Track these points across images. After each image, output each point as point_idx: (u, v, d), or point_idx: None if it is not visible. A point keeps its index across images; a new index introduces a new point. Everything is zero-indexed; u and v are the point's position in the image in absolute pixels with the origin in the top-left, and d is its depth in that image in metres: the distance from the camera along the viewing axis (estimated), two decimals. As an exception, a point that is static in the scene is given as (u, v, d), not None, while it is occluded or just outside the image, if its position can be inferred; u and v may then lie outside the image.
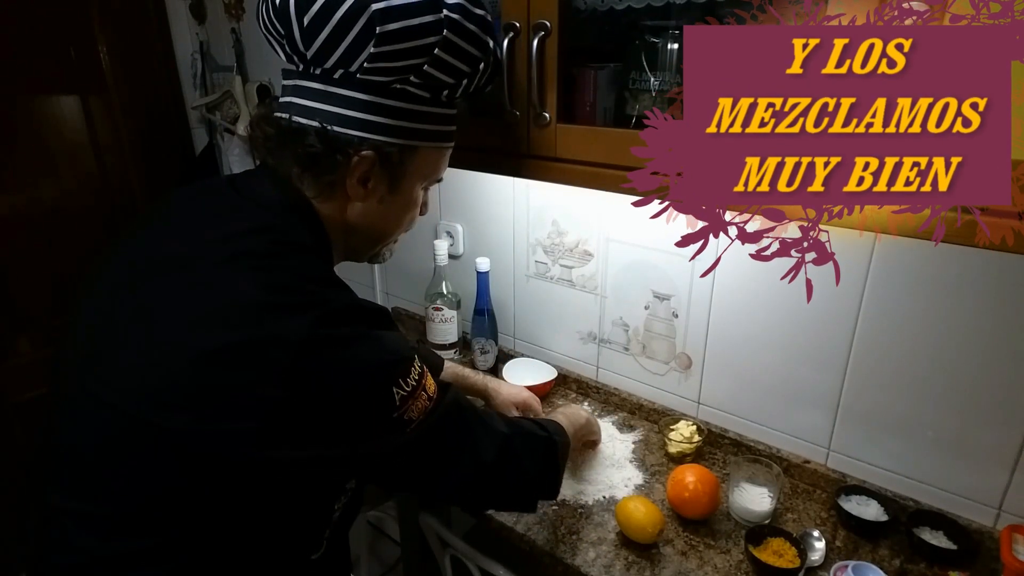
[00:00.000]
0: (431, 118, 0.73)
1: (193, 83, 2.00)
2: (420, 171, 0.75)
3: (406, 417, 0.63)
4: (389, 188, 0.73)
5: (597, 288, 1.29)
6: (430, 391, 0.67)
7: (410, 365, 0.64)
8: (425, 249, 1.41)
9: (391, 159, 0.70)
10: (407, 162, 0.72)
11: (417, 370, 0.65)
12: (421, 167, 0.75)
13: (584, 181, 0.88)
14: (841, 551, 0.92)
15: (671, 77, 0.89)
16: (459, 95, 0.75)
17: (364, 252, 0.81)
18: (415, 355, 0.67)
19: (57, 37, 1.76)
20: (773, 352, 1.07)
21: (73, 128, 1.85)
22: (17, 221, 1.77)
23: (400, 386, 0.62)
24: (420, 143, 0.73)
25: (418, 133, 0.72)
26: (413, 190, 0.77)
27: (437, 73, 0.69)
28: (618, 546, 0.93)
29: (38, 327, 1.83)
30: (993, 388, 0.88)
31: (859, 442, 1.02)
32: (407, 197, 0.76)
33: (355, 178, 0.70)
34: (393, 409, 0.61)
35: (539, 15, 0.85)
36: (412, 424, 0.63)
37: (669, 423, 1.17)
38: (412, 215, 0.80)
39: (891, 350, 0.95)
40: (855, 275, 0.95)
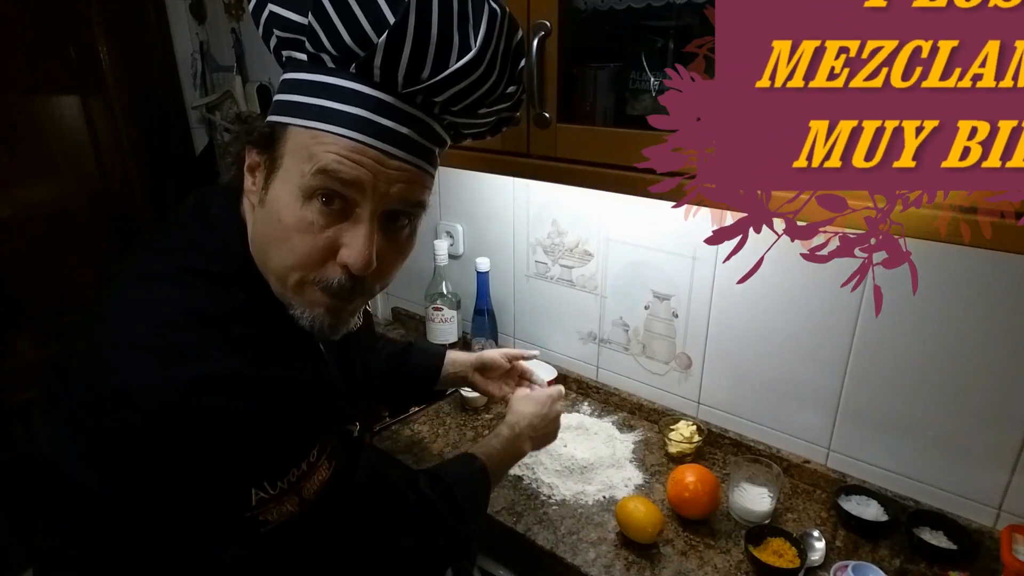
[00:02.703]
0: (310, 88, 0.56)
1: (193, 83, 2.00)
2: (291, 163, 0.57)
3: (260, 519, 0.54)
4: (264, 183, 0.59)
5: (597, 288, 1.29)
6: (307, 493, 0.57)
7: (289, 466, 0.55)
8: (425, 249, 1.41)
9: (261, 141, 0.59)
10: (279, 146, 0.58)
11: (300, 471, 0.56)
12: (292, 157, 0.57)
13: (584, 181, 0.88)
14: (841, 551, 0.92)
15: (671, 77, 0.89)
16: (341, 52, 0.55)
17: (276, 292, 0.62)
18: (310, 451, 0.57)
19: (57, 37, 1.76)
20: (773, 352, 1.07)
21: (73, 128, 1.85)
22: (17, 221, 1.77)
23: (263, 488, 0.54)
24: (287, 119, 0.57)
25: (287, 106, 0.57)
26: (283, 193, 0.57)
27: (283, 11, 0.56)
28: (618, 546, 0.93)
29: (38, 327, 1.83)
30: (993, 388, 0.88)
31: (859, 442, 1.02)
32: (279, 202, 0.58)
33: (246, 167, 0.61)
34: (246, 509, 0.53)
35: (539, 15, 0.85)
36: (267, 526, 0.55)
37: (669, 423, 1.17)
38: (286, 237, 0.57)
39: (891, 350, 0.95)
40: (855, 275, 0.95)
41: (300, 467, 0.56)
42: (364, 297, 0.64)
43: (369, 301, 0.72)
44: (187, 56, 2.00)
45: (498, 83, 0.61)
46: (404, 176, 0.59)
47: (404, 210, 0.61)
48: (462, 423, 1.25)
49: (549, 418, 0.97)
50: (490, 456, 0.86)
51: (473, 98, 0.60)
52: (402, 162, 0.58)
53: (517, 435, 0.92)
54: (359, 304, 0.65)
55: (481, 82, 0.59)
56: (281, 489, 0.55)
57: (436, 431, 1.22)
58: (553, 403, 0.98)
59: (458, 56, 0.56)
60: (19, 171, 1.76)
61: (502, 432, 0.91)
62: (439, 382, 1.08)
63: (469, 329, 1.45)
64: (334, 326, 0.63)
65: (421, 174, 0.61)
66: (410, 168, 0.59)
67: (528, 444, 0.93)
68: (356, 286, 0.61)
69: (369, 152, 0.56)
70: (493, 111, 0.65)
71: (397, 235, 0.63)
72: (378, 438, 1.19)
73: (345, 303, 0.62)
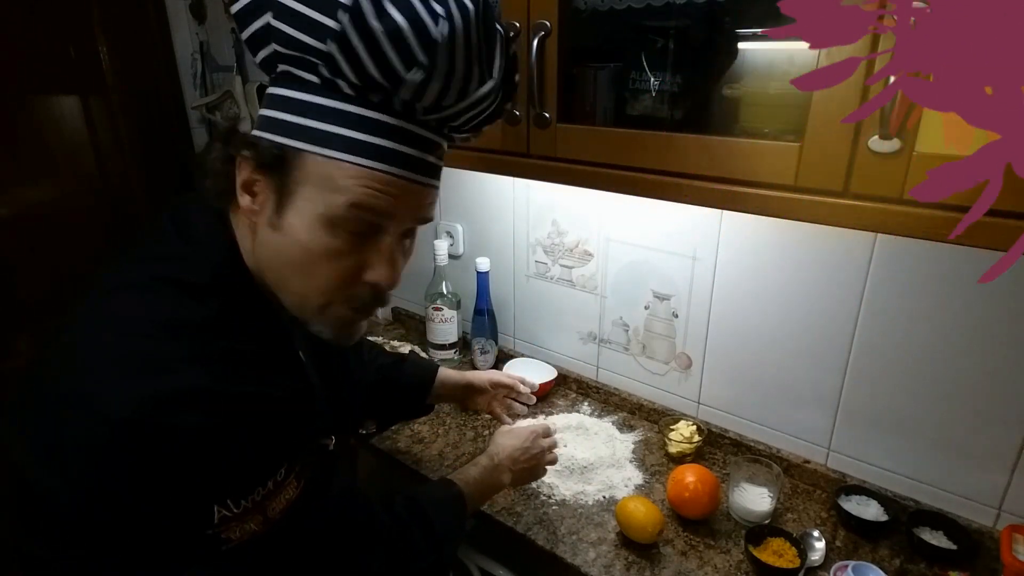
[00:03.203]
0: (325, 113, 0.55)
1: (193, 83, 2.00)
2: (311, 192, 0.56)
3: (222, 536, 0.54)
4: (276, 207, 0.58)
5: (597, 288, 1.29)
6: (272, 513, 0.56)
7: (254, 485, 0.54)
8: (425, 249, 1.41)
9: (267, 161, 0.57)
10: (291, 171, 0.57)
11: (266, 489, 0.55)
12: (312, 186, 0.56)
13: (584, 181, 0.88)
14: (841, 551, 0.92)
15: (671, 77, 0.89)
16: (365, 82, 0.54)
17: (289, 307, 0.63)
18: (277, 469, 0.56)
19: (57, 37, 1.77)
20: (773, 352, 1.07)
21: (73, 128, 1.85)
22: (17, 221, 1.77)
23: (226, 506, 0.53)
24: (302, 144, 0.55)
25: (300, 130, 0.56)
26: (303, 221, 0.57)
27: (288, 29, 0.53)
28: (618, 546, 0.93)
29: (38, 327, 1.83)
30: (993, 388, 0.88)
31: (859, 442, 1.02)
32: (296, 231, 0.58)
33: (239, 184, 0.59)
34: (208, 526, 0.53)
35: (539, 15, 0.85)
36: (228, 544, 0.54)
37: (669, 423, 1.17)
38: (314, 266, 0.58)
39: (891, 350, 0.95)
40: (855, 275, 0.95)
41: (266, 486, 0.56)
42: (380, 306, 0.66)
43: None
44: (187, 56, 2.00)
45: (505, 100, 0.64)
46: (422, 197, 0.61)
47: (415, 225, 0.64)
48: (462, 423, 1.25)
49: (531, 452, 0.96)
50: (467, 483, 0.86)
51: (483, 117, 0.63)
52: (421, 185, 0.60)
53: (496, 466, 0.91)
54: (373, 312, 0.67)
55: (493, 103, 0.61)
56: (245, 508, 0.54)
57: (436, 431, 1.22)
58: (535, 438, 0.97)
59: (478, 85, 0.58)
60: (19, 171, 1.76)
61: (481, 461, 0.91)
62: (430, 395, 1.09)
63: (469, 329, 1.45)
64: (351, 336, 0.65)
65: (434, 191, 0.63)
66: (426, 188, 0.61)
67: (507, 476, 0.92)
68: (376, 299, 0.63)
69: (396, 182, 0.57)
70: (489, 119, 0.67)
71: (406, 246, 0.65)
72: (377, 438, 1.19)
73: (367, 315, 0.65)
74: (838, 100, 0.64)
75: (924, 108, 0.59)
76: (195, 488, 0.52)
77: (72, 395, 0.52)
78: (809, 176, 0.68)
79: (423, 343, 1.50)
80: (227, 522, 0.53)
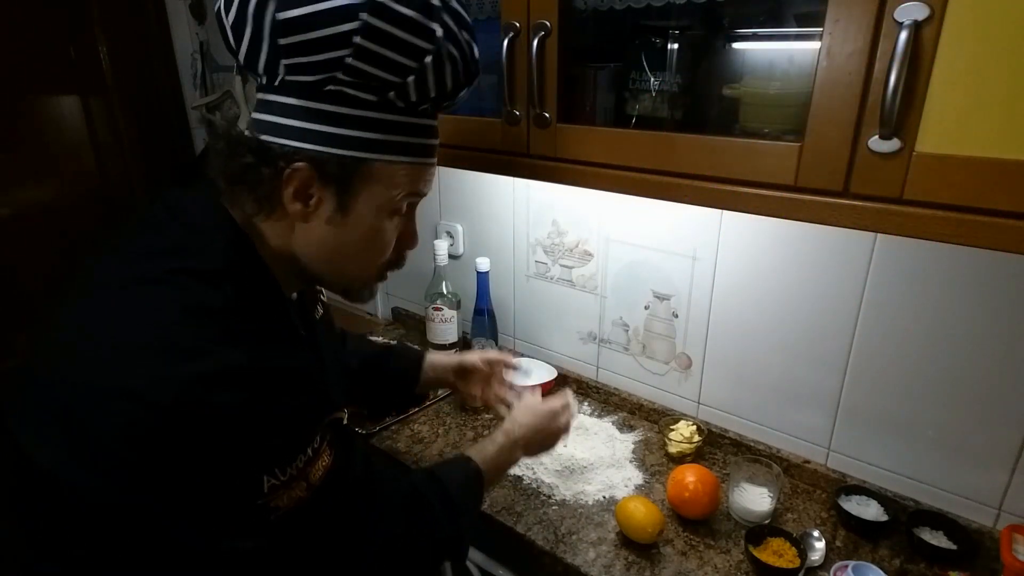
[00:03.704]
0: (383, 126, 0.63)
1: (193, 83, 2.00)
2: (377, 190, 0.65)
3: (271, 505, 0.57)
4: (338, 207, 0.64)
5: (597, 288, 1.29)
6: (313, 478, 0.60)
7: (296, 453, 0.58)
8: (425, 249, 1.41)
9: (330, 172, 0.62)
10: (355, 177, 0.63)
11: (306, 456, 0.59)
12: (377, 184, 0.65)
13: (584, 181, 0.88)
14: (841, 551, 0.92)
15: (671, 77, 0.89)
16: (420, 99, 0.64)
17: (332, 285, 0.74)
18: (313, 436, 0.60)
19: (57, 37, 1.77)
20: (773, 352, 1.07)
21: (73, 128, 1.86)
22: (17, 220, 1.77)
23: (274, 475, 0.56)
24: (367, 155, 0.63)
25: (364, 143, 0.63)
26: (370, 213, 0.66)
27: (368, 67, 0.59)
28: (618, 546, 0.93)
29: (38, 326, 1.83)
30: (993, 388, 0.88)
31: (859, 442, 1.02)
32: (363, 222, 0.66)
33: (290, 193, 0.62)
34: (259, 496, 0.56)
35: (539, 15, 0.85)
36: (277, 512, 0.57)
37: (669, 423, 1.17)
38: (379, 247, 0.70)
39: (891, 350, 0.95)
40: (855, 275, 0.95)
41: (306, 452, 0.59)
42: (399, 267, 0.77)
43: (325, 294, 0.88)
44: (187, 56, 2.00)
45: None
46: (432, 174, 0.72)
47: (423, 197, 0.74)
48: (462, 423, 1.25)
49: (548, 431, 0.94)
50: (485, 460, 0.86)
51: None
52: (433, 166, 0.72)
53: (513, 443, 0.90)
54: None
55: None
56: (291, 475, 0.57)
57: (436, 431, 1.22)
58: (555, 418, 0.95)
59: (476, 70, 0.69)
60: (19, 171, 1.76)
61: (497, 439, 0.90)
62: (419, 385, 1.08)
63: (469, 329, 1.45)
64: (373, 293, 0.79)
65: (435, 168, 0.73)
66: (434, 167, 0.72)
67: (521, 452, 0.92)
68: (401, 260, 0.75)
69: (430, 170, 0.71)
70: None
71: None
72: (377, 438, 1.19)
73: None
74: (838, 100, 0.64)
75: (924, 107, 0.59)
76: (245, 460, 0.55)
77: (113, 390, 0.52)
78: (809, 176, 0.68)
79: (423, 343, 1.50)
80: (275, 491, 0.56)
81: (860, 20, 0.61)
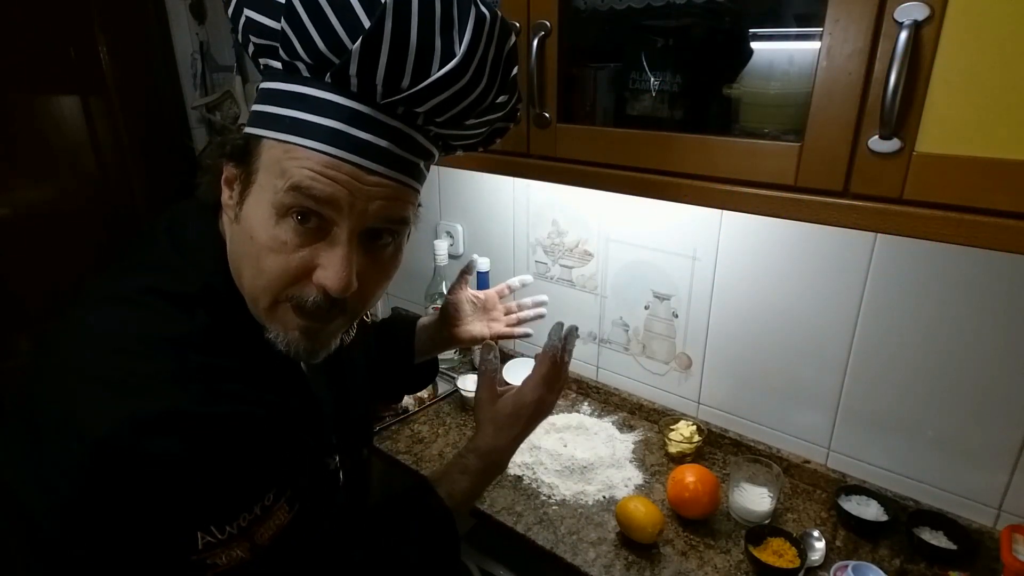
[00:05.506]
0: (286, 99, 0.53)
1: (193, 83, 2.00)
2: (265, 179, 0.54)
3: (208, 562, 0.51)
4: (240, 198, 0.56)
5: (597, 288, 1.29)
6: (260, 539, 0.53)
7: (238, 511, 0.52)
8: (425, 249, 1.41)
9: (235, 151, 0.56)
10: (254, 160, 0.55)
11: (252, 515, 0.53)
12: (266, 168, 0.54)
13: (584, 181, 0.88)
14: (841, 551, 0.92)
15: (671, 77, 0.89)
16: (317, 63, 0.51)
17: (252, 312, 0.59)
18: (264, 493, 0.54)
19: (57, 37, 1.77)
20: (773, 352, 1.07)
21: (73, 128, 1.85)
22: (17, 221, 1.77)
23: (210, 532, 0.51)
24: (262, 131, 0.54)
25: (263, 117, 0.54)
26: (258, 210, 0.54)
27: (257, 16, 0.53)
28: (618, 546, 0.93)
29: (38, 327, 1.83)
30: (993, 388, 0.88)
31: (859, 442, 1.02)
32: (252, 219, 0.55)
33: (223, 179, 0.57)
34: (192, 552, 0.50)
35: (539, 15, 0.85)
36: (215, 570, 0.52)
37: (669, 423, 1.17)
38: (267, 259, 0.54)
39: (891, 350, 0.95)
40: (855, 275, 0.95)
41: (252, 511, 0.53)
42: (345, 318, 0.60)
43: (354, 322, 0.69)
44: (187, 56, 2.00)
45: (487, 92, 0.56)
46: (384, 192, 0.55)
47: (386, 228, 0.57)
48: (462, 423, 1.25)
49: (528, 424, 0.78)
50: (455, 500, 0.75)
51: (459, 108, 0.55)
52: (381, 177, 0.54)
53: (486, 466, 0.77)
54: (340, 325, 0.61)
55: (467, 91, 0.54)
56: (230, 534, 0.52)
57: (436, 431, 1.22)
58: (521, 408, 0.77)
59: (440, 63, 0.51)
60: (19, 171, 1.76)
61: (469, 466, 0.76)
62: (417, 354, 1.00)
63: (469, 329, 1.44)
64: (311, 350, 0.59)
65: (404, 189, 0.57)
66: (390, 183, 0.55)
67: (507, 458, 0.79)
68: (333, 307, 0.57)
69: (344, 167, 0.52)
70: (483, 122, 0.60)
71: (379, 254, 0.58)
72: (378, 438, 1.19)
73: (322, 325, 0.58)
74: (838, 100, 0.64)
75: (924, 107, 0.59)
76: (176, 514, 0.50)
77: (54, 414, 0.50)
78: (809, 176, 0.68)
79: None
80: (212, 548, 0.51)
81: (860, 20, 0.61)
